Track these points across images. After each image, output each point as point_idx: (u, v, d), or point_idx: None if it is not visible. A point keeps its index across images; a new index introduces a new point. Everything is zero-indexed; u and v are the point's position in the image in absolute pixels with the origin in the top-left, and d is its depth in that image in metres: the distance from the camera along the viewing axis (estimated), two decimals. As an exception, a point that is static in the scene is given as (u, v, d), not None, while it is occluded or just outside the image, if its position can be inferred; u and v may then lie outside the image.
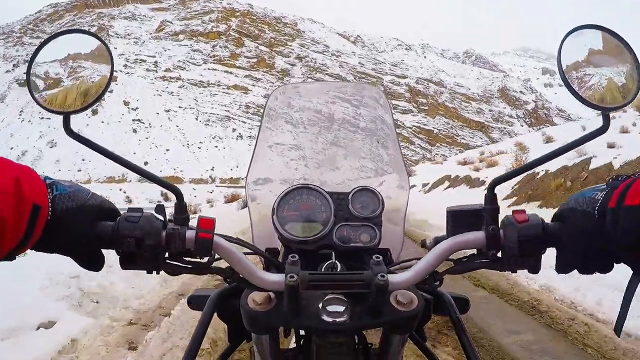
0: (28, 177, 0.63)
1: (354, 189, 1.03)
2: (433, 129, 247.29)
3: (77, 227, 0.68)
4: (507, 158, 21.40)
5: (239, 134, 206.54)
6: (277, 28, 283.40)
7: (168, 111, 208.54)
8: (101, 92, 0.75)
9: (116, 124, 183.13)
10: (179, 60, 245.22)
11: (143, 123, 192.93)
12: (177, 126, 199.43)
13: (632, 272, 0.68)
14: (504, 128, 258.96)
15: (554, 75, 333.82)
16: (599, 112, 0.71)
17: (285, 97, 1.38)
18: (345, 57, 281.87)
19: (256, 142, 1.22)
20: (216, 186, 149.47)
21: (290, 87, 1.19)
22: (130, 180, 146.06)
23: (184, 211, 0.75)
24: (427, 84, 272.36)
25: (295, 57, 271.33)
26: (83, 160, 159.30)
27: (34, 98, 0.73)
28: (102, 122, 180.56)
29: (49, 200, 0.66)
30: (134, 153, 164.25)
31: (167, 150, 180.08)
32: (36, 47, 0.73)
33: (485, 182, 13.72)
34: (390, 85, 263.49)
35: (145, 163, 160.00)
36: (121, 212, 0.74)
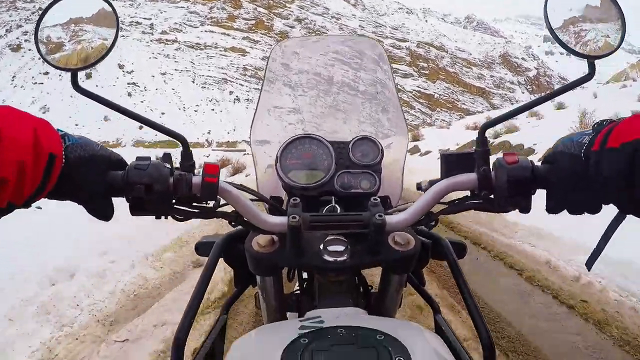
0: (45, 128, 0.65)
1: (355, 137, 1.04)
2: (433, 93, 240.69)
3: (90, 176, 0.69)
4: (523, 123, 17.68)
5: (236, 96, 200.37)
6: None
7: (164, 74, 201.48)
8: (107, 49, 0.77)
9: (111, 87, 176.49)
10: (176, 23, 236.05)
11: (138, 86, 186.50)
12: (173, 89, 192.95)
13: (617, 210, 0.69)
14: (505, 94, 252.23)
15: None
16: (585, 60, 0.71)
17: (286, 54, 1.39)
18: (345, 20, 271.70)
19: (259, 98, 1.24)
20: (212, 150, 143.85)
21: (291, 42, 1.36)
22: (125, 145, 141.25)
23: (189, 158, 0.76)
24: (428, 48, 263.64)
25: (294, 19, 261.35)
26: (76, 125, 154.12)
27: (42, 56, 0.75)
28: (97, 85, 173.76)
29: (63, 150, 0.67)
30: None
31: (163, 113, 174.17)
32: (44, 8, 0.75)
33: (534, 150, 10.96)
34: (390, 49, 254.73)
35: (140, 127, 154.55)
36: (129, 163, 0.75)
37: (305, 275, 1.05)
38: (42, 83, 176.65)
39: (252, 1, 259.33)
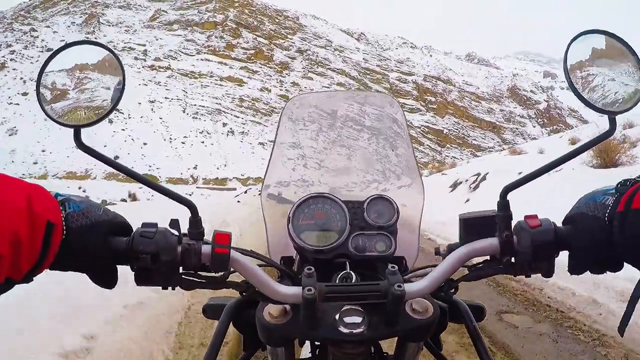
0: (39, 195, 0.59)
1: (369, 197, 0.98)
2: (443, 129, 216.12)
3: (93, 244, 0.64)
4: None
5: (230, 129, 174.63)
6: (277, 21, 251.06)
7: (153, 102, 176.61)
8: (113, 105, 0.71)
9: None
10: (170, 50, 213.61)
11: (122, 113, 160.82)
12: (161, 118, 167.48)
13: None
14: (516, 129, 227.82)
15: (556, 79, 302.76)
16: (605, 115, 0.66)
17: (301, 107, 1.33)
18: (349, 53, 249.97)
19: (272, 151, 1.16)
20: (197, 187, 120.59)
21: (306, 96, 1.29)
22: (95, 177, 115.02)
23: (199, 225, 0.71)
24: (436, 81, 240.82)
25: (295, 50, 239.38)
26: (43, 151, 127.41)
27: (44, 111, 0.68)
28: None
29: (63, 218, 0.62)
30: (105, 146, 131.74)
31: (145, 144, 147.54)
32: (46, 58, 0.68)
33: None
34: (396, 83, 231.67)
35: (116, 157, 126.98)
36: (134, 228, 0.70)
37: (317, 342, 0.96)
38: (18, 104, 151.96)
39: (252, 31, 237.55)
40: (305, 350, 1.03)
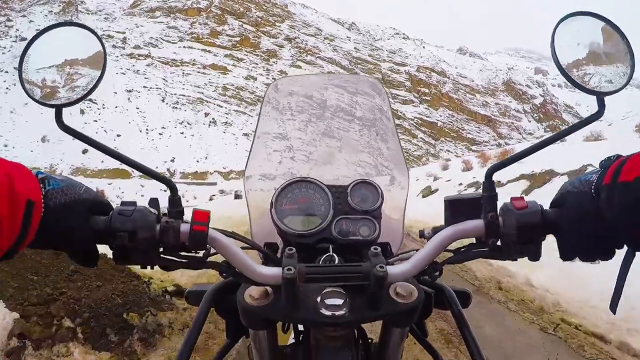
0: (20, 173, 0.58)
1: (353, 181, 0.96)
2: (437, 121, 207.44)
3: (71, 222, 0.63)
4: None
5: (212, 119, 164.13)
6: (265, 7, 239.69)
7: (130, 91, 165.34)
8: (93, 84, 0.69)
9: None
10: (151, 37, 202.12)
11: (95, 103, 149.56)
12: (138, 108, 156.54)
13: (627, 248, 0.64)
14: (512, 123, 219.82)
15: (547, 75, 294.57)
16: (594, 97, 0.66)
17: (284, 90, 1.30)
18: (340, 42, 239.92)
19: (254, 136, 1.14)
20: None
21: (289, 79, 1.05)
22: (61, 173, 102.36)
23: (178, 204, 0.70)
24: (429, 73, 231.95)
25: (283, 38, 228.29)
26: (6, 146, 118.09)
27: (25, 90, 0.67)
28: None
29: (42, 196, 0.61)
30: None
31: (119, 135, 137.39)
32: (29, 39, 0.68)
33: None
34: (389, 73, 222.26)
35: (84, 152, 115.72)
36: (114, 207, 0.69)
37: (301, 327, 0.96)
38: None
39: (238, 18, 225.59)
40: (291, 338, 1.02)
